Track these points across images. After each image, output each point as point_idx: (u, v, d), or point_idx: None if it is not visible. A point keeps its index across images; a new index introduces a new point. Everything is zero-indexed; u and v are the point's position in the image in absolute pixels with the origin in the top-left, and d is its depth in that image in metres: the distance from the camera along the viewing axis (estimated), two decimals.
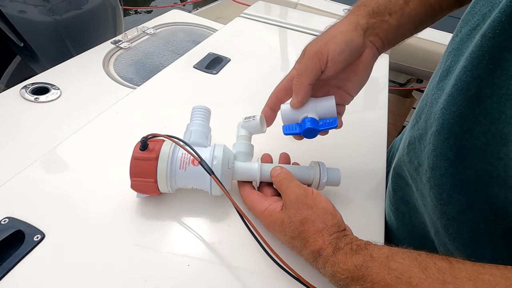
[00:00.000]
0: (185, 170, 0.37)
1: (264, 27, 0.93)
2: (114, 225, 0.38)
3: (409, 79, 1.47)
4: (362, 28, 0.36)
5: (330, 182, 0.41)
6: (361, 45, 0.36)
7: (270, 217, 0.36)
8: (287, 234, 0.34)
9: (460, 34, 0.33)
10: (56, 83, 0.67)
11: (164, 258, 0.35)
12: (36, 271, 0.32)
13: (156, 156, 0.36)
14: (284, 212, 0.35)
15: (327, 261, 0.31)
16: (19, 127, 0.57)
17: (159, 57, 0.85)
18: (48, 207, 0.38)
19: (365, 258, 0.29)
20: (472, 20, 0.31)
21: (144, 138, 0.37)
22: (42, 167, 0.43)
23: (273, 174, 0.39)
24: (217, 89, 0.64)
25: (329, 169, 0.41)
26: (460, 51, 0.32)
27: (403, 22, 0.37)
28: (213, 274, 0.35)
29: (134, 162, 0.36)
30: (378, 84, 0.73)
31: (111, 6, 0.99)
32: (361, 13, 0.38)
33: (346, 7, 1.47)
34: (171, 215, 0.40)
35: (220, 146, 0.39)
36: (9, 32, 0.84)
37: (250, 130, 0.42)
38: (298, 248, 0.34)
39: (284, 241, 0.35)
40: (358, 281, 0.28)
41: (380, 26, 0.37)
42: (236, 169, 0.40)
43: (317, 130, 0.37)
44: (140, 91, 0.60)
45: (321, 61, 0.36)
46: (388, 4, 0.37)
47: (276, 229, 0.35)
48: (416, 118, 0.39)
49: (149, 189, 0.38)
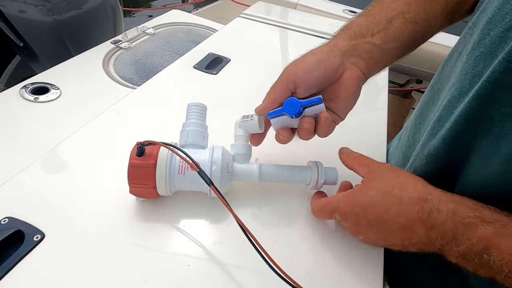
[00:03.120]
0: (184, 175, 0.37)
1: (264, 28, 0.93)
2: (114, 225, 0.38)
3: (408, 79, 1.47)
4: (340, 49, 0.37)
5: (327, 181, 0.41)
6: (337, 66, 0.36)
7: (353, 193, 0.35)
8: (379, 191, 0.33)
9: (489, 37, 0.32)
10: (56, 83, 0.67)
11: (164, 258, 0.35)
12: (36, 271, 0.32)
13: (154, 163, 0.36)
14: (368, 180, 0.35)
15: (440, 201, 0.30)
16: (18, 127, 0.57)
17: (159, 57, 0.85)
18: (48, 207, 0.38)
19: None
20: (503, 22, 0.30)
21: (141, 144, 0.36)
22: (42, 167, 0.43)
23: (344, 151, 0.41)
24: (217, 89, 0.64)
25: (326, 169, 0.41)
26: (492, 54, 0.31)
27: (388, 41, 0.37)
28: (213, 274, 0.35)
29: (131, 169, 0.36)
30: (378, 85, 0.73)
31: (111, 6, 0.99)
32: (342, 36, 0.38)
33: (346, 8, 1.47)
34: (171, 215, 0.40)
35: (218, 149, 0.39)
36: (9, 31, 0.84)
37: (248, 129, 0.41)
38: (394, 199, 0.32)
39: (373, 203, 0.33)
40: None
41: (362, 47, 0.37)
42: (235, 171, 0.40)
43: (299, 102, 0.36)
44: (140, 91, 0.60)
45: (289, 79, 0.36)
46: (371, 25, 0.37)
47: (362, 198, 0.34)
48: (439, 127, 0.37)
49: (148, 194, 0.38)
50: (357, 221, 0.34)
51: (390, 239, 0.33)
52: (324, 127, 0.37)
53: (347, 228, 0.36)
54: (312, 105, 0.36)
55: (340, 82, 0.37)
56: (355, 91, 0.37)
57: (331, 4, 1.50)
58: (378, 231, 0.33)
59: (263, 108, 0.38)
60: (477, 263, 0.27)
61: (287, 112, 0.36)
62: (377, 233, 0.33)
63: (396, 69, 1.38)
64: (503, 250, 0.26)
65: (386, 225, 0.32)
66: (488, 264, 0.27)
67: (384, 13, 0.38)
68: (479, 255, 0.27)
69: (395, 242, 0.32)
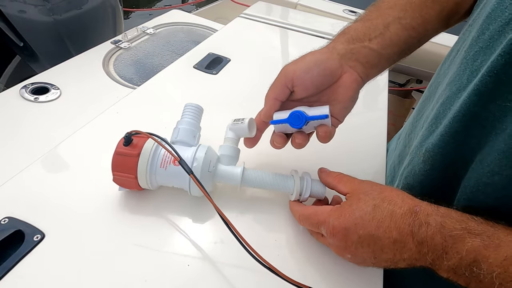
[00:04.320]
0: (166, 169, 0.38)
1: (264, 28, 0.93)
2: (114, 225, 0.38)
3: (408, 79, 1.47)
4: (338, 52, 0.37)
5: (314, 195, 0.40)
6: (335, 68, 0.36)
7: (342, 208, 0.33)
8: (368, 204, 0.32)
9: (488, 31, 0.32)
10: (56, 83, 0.67)
11: (164, 258, 0.35)
12: (36, 271, 0.32)
13: (138, 153, 0.37)
14: (355, 195, 0.34)
15: (428, 214, 0.29)
16: (19, 127, 0.57)
17: (159, 57, 0.85)
18: (48, 207, 0.38)
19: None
20: (502, 16, 0.30)
21: (128, 134, 0.37)
22: (42, 167, 0.43)
23: (324, 170, 0.40)
24: (217, 89, 0.64)
25: (313, 181, 0.39)
26: (491, 49, 0.31)
27: (385, 46, 0.37)
28: (213, 274, 0.35)
29: (116, 157, 0.37)
30: (378, 85, 0.73)
31: (111, 6, 0.99)
32: (340, 40, 0.38)
33: (346, 8, 1.47)
34: (171, 216, 0.40)
35: (203, 147, 0.39)
36: (9, 31, 0.84)
37: (238, 133, 0.41)
38: (385, 212, 0.31)
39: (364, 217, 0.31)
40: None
41: (359, 51, 0.37)
42: (218, 172, 0.40)
43: (304, 116, 0.36)
44: (140, 91, 0.60)
45: (287, 77, 0.37)
46: (367, 30, 0.38)
47: (352, 211, 0.32)
48: (436, 124, 0.37)
49: (130, 185, 0.38)
50: (347, 236, 0.32)
51: (381, 255, 0.31)
52: (325, 138, 0.38)
53: (334, 245, 0.34)
54: (317, 120, 0.36)
55: (339, 84, 0.37)
56: (353, 94, 0.38)
57: (331, 4, 1.50)
58: (369, 246, 0.31)
59: (267, 111, 0.38)
60: (468, 277, 0.27)
61: (291, 125, 0.36)
62: (368, 249, 0.31)
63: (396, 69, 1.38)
64: (492, 263, 0.26)
65: (380, 240, 0.30)
66: (478, 277, 0.26)
67: (381, 19, 0.38)
68: (469, 269, 0.27)
69: (386, 257, 0.31)
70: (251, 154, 0.44)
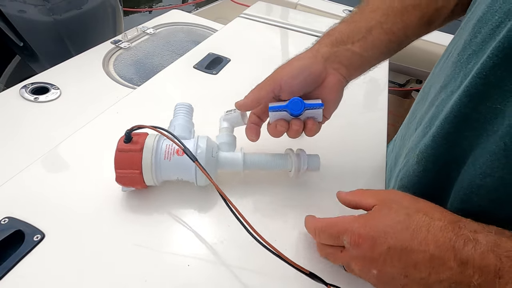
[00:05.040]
0: (170, 160, 0.38)
1: (264, 28, 0.93)
2: (114, 225, 0.38)
3: (408, 79, 1.47)
4: (322, 56, 0.39)
5: (310, 166, 0.42)
6: (320, 72, 0.38)
7: (369, 215, 0.30)
8: (400, 213, 0.28)
9: (480, 34, 0.32)
10: (56, 83, 0.67)
11: (164, 258, 0.35)
12: (36, 271, 0.32)
13: (141, 148, 0.37)
14: (384, 204, 0.30)
15: (476, 231, 0.25)
16: (18, 127, 0.57)
17: (159, 57, 0.86)
18: (48, 207, 0.38)
19: None
20: (493, 19, 0.31)
21: (128, 131, 0.38)
22: (42, 167, 0.43)
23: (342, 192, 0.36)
24: (217, 89, 0.64)
25: (309, 155, 0.42)
26: (483, 51, 0.31)
27: (367, 49, 0.39)
28: (213, 274, 0.35)
29: (118, 154, 0.37)
30: (378, 85, 0.73)
31: (111, 6, 0.99)
32: (325, 42, 0.40)
33: (346, 8, 1.47)
34: (171, 216, 0.40)
35: (203, 137, 0.40)
36: (9, 31, 0.84)
37: (232, 122, 0.44)
38: (421, 223, 0.27)
39: (396, 226, 0.28)
40: None
41: (342, 54, 0.39)
42: (220, 159, 0.41)
43: (303, 103, 0.37)
44: (140, 91, 0.60)
45: (275, 83, 0.38)
46: (351, 33, 0.39)
47: (381, 219, 0.29)
48: (430, 126, 0.38)
49: (135, 181, 0.38)
50: (374, 247, 0.28)
51: (413, 273, 0.26)
52: (312, 131, 0.39)
53: (358, 258, 0.29)
54: (313, 108, 0.38)
55: (324, 85, 0.39)
56: (337, 94, 0.40)
57: (331, 4, 1.50)
58: (400, 261, 0.27)
59: (243, 104, 0.40)
60: None
61: (290, 110, 0.38)
62: (398, 264, 0.27)
63: (396, 69, 1.38)
64: None
65: (413, 253, 0.26)
66: None
67: (364, 22, 0.40)
68: None
69: (419, 276, 0.26)
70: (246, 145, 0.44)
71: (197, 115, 0.49)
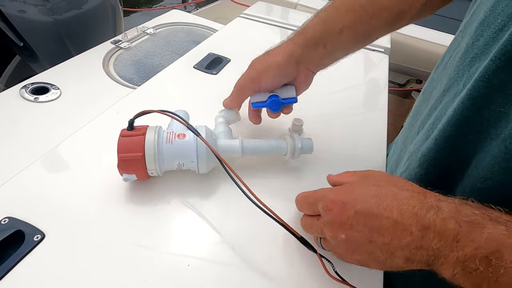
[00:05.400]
0: (172, 143, 0.39)
1: (264, 28, 0.93)
2: (114, 225, 0.38)
3: (408, 79, 1.47)
4: (296, 59, 0.44)
5: (304, 149, 0.44)
6: (293, 73, 0.45)
7: (343, 186, 0.33)
8: (371, 183, 0.31)
9: (482, 38, 0.32)
10: (56, 83, 0.67)
11: (164, 258, 0.35)
12: (36, 271, 0.32)
13: (144, 132, 0.39)
14: (361, 177, 0.33)
15: (440, 199, 0.27)
16: (18, 127, 0.57)
17: (159, 57, 0.86)
18: (48, 207, 0.38)
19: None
20: (495, 23, 0.31)
21: (131, 119, 0.39)
22: (42, 167, 0.43)
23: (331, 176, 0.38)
24: (217, 90, 0.64)
25: (302, 138, 0.45)
26: (486, 55, 0.31)
27: (336, 49, 0.44)
28: (213, 274, 0.35)
29: (121, 139, 0.38)
30: (378, 85, 0.73)
31: (111, 6, 0.99)
32: (299, 42, 0.44)
33: None
34: (171, 216, 0.40)
35: (201, 125, 0.42)
36: (9, 31, 0.84)
37: (227, 117, 0.47)
38: (389, 192, 0.29)
39: (365, 193, 0.30)
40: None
41: (314, 56, 0.44)
42: (218, 146, 0.42)
43: (280, 101, 0.46)
44: (140, 91, 0.60)
45: (255, 85, 0.45)
46: (324, 33, 0.43)
47: (353, 188, 0.31)
48: (433, 129, 0.38)
49: (137, 166, 0.38)
50: (343, 210, 0.29)
51: (377, 238, 0.28)
52: (287, 114, 0.48)
53: (329, 223, 0.31)
54: (289, 103, 0.46)
55: (296, 80, 0.46)
56: (306, 84, 0.47)
57: None
58: (365, 225, 0.28)
59: (230, 103, 0.48)
60: (480, 274, 0.23)
61: (271, 109, 0.46)
62: (364, 228, 0.28)
63: (396, 69, 1.38)
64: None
65: (377, 218, 0.28)
66: (496, 272, 0.22)
67: (338, 23, 0.42)
68: (485, 261, 0.23)
69: (382, 241, 0.27)
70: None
71: (197, 115, 0.49)
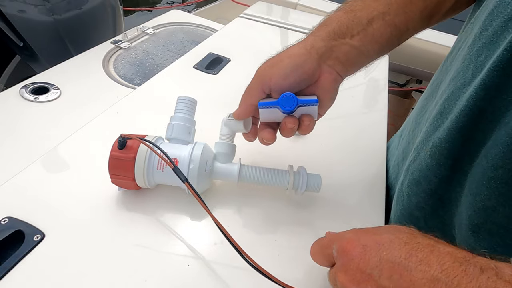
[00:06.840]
0: (163, 171, 0.38)
1: (264, 28, 0.93)
2: (114, 225, 0.38)
3: (408, 79, 1.47)
4: (317, 52, 0.35)
5: (310, 186, 0.39)
6: (313, 70, 0.35)
7: (365, 228, 0.28)
8: (402, 231, 0.25)
9: (491, 27, 0.32)
10: (55, 83, 0.67)
11: (164, 258, 0.35)
12: (36, 271, 0.32)
13: (134, 156, 0.37)
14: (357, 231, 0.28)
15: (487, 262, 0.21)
16: (18, 127, 0.57)
17: (159, 57, 0.85)
18: (48, 207, 0.38)
19: None
20: (505, 12, 0.31)
21: (121, 138, 0.37)
22: (42, 167, 0.43)
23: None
24: (217, 89, 0.64)
25: (309, 174, 0.40)
26: (494, 44, 0.31)
27: (366, 43, 0.36)
28: (213, 274, 0.35)
29: (112, 160, 0.37)
30: (378, 85, 0.73)
31: (111, 6, 0.99)
32: (320, 34, 0.36)
33: None
34: (172, 216, 0.40)
35: (199, 146, 0.39)
36: (9, 31, 0.84)
37: (233, 128, 0.41)
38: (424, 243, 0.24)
39: (394, 240, 0.24)
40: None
41: (340, 49, 0.35)
42: (215, 170, 0.40)
43: (296, 99, 0.34)
44: (140, 91, 0.60)
45: (264, 84, 0.35)
46: (351, 23, 0.36)
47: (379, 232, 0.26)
48: (442, 119, 0.37)
49: (128, 185, 0.39)
50: (363, 255, 0.24)
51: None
52: (308, 129, 0.36)
53: (342, 267, 0.26)
54: (308, 105, 0.35)
55: (318, 85, 0.36)
56: (332, 93, 0.37)
57: (331, 4, 1.50)
58: (390, 278, 0.23)
59: (240, 113, 0.38)
60: None
61: (282, 107, 0.34)
62: (388, 282, 0.23)
63: (396, 69, 1.38)
64: None
65: (409, 271, 0.22)
66: None
67: (365, 12, 0.36)
68: None
69: None
70: (247, 151, 0.44)
71: (197, 115, 0.49)
